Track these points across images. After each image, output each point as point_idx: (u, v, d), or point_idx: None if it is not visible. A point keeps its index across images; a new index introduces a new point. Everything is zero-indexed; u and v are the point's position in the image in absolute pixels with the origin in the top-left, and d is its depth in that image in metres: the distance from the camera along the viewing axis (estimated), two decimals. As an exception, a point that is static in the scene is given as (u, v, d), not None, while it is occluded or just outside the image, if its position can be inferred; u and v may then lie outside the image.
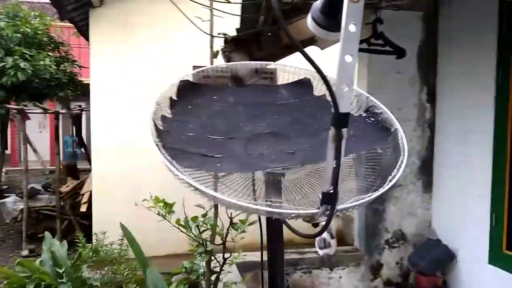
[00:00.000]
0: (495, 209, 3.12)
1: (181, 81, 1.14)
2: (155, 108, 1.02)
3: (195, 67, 5.06)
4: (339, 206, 0.80)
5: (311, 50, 4.02)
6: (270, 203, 0.88)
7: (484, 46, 3.26)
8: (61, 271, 3.19)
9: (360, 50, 3.57)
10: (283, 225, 1.04)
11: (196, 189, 0.81)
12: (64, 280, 3.07)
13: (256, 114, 1.14)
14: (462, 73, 3.54)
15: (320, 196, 0.75)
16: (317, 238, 3.73)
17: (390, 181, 0.88)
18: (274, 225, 1.06)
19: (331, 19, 0.70)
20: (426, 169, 3.86)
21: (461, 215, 3.50)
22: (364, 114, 1.13)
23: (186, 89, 1.14)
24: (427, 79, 3.83)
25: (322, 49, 4.08)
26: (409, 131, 3.82)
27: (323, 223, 0.78)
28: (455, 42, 3.63)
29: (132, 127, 5.32)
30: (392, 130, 1.04)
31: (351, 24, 0.67)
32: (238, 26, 3.41)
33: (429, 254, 3.63)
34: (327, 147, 0.74)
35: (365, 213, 3.79)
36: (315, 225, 0.79)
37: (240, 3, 3.14)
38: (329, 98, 1.22)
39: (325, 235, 3.66)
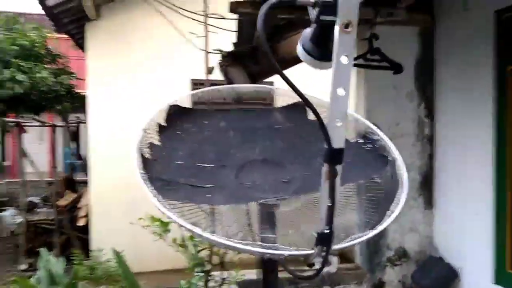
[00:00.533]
0: (498, 227, 3.05)
1: (170, 106, 1.10)
2: (142, 135, 0.98)
3: (193, 81, 5.03)
4: (335, 247, 0.75)
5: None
6: (260, 242, 0.83)
7: (481, 60, 3.23)
8: (55, 290, 3.12)
9: (357, 65, 3.54)
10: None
11: (182, 226, 0.76)
12: (57, 300, 2.99)
13: (248, 140, 1.09)
14: (460, 87, 3.51)
15: (315, 235, 0.69)
16: (316, 255, 3.66)
17: (389, 216, 0.82)
18: (268, 263, 1.01)
19: (322, 48, 0.66)
20: (427, 185, 3.80)
21: (463, 232, 3.44)
22: (361, 140, 1.09)
23: (175, 114, 1.09)
24: (425, 94, 3.79)
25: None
26: (408, 146, 3.77)
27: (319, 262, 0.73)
28: (452, 56, 3.60)
29: (128, 140, 5.26)
30: (390, 159, 0.99)
31: (343, 55, 0.63)
32: (234, 41, 3.39)
33: (431, 272, 3.55)
34: (321, 184, 0.69)
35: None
36: (311, 265, 0.74)
37: (236, 19, 3.12)
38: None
39: (324, 252, 3.58)
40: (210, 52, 2.81)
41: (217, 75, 3.12)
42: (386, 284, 3.72)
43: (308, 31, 0.75)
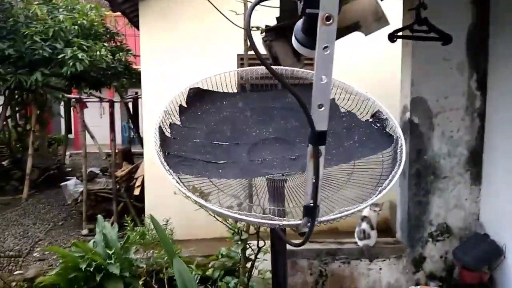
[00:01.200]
0: (547, 205, 2.93)
1: (190, 88, 1.19)
2: (162, 116, 1.09)
3: (239, 55, 5.12)
4: (322, 218, 0.82)
5: (355, 35, 3.97)
6: (258, 213, 0.92)
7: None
8: (111, 252, 3.44)
9: (403, 37, 3.45)
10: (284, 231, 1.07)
11: (188, 197, 0.87)
12: (112, 261, 3.30)
13: (263, 119, 1.17)
14: (517, 58, 3.32)
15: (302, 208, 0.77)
16: (356, 229, 3.71)
17: (380, 192, 0.88)
18: (274, 231, 1.10)
19: (312, 38, 0.72)
20: (475, 160, 3.68)
21: (510, 209, 3.33)
22: (371, 120, 1.13)
23: (196, 96, 1.19)
24: (477, 65, 3.62)
25: (366, 35, 3.98)
26: (457, 120, 3.66)
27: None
28: (509, 25, 3.39)
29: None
30: (394, 137, 1.03)
31: (324, 46, 0.69)
32: (275, 16, 3.40)
33: (475, 248, 3.49)
34: (307, 163, 0.76)
35: (407, 204, 3.70)
36: (301, 234, 0.82)
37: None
38: (336, 102, 1.22)
39: (364, 226, 3.62)
40: (248, 29, 2.86)
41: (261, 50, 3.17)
42: (427, 259, 3.71)
43: (300, 23, 0.81)
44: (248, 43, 2.80)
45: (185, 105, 1.16)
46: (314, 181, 0.75)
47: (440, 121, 3.64)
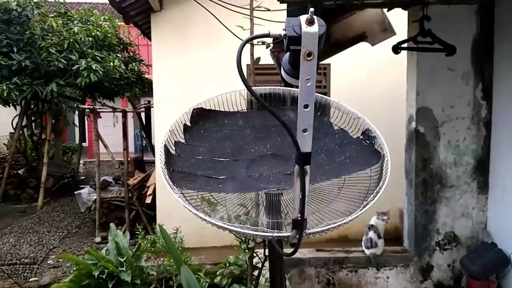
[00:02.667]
0: (552, 215, 2.95)
1: (194, 109, 1.28)
2: (167, 135, 1.17)
3: (248, 66, 5.19)
4: (309, 231, 0.89)
5: (361, 46, 4.03)
6: (252, 226, 0.99)
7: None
8: (122, 260, 3.53)
9: (407, 49, 3.51)
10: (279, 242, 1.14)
11: (189, 209, 0.95)
12: (124, 269, 3.39)
13: (262, 136, 1.25)
14: (521, 68, 3.35)
15: (291, 222, 0.85)
16: (363, 238, 3.75)
17: (364, 207, 0.94)
18: (269, 242, 1.17)
19: (297, 70, 0.80)
20: (481, 169, 3.71)
21: (518, 219, 3.34)
22: (361, 137, 1.20)
23: (199, 115, 1.27)
24: (483, 75, 3.66)
25: (372, 45, 4.05)
26: (463, 130, 3.69)
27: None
28: (513, 34, 3.43)
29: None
30: (381, 154, 1.10)
31: (306, 78, 0.77)
32: (283, 28, 3.49)
33: (482, 257, 3.50)
34: (294, 181, 0.84)
35: (414, 213, 3.73)
36: (292, 245, 0.89)
37: (281, 10, 3.22)
38: (330, 120, 1.30)
39: (371, 235, 3.67)
40: (254, 44, 2.96)
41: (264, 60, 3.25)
42: (435, 268, 3.73)
43: (287, 56, 0.89)
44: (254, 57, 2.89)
45: (189, 124, 1.24)
46: (301, 197, 0.82)
47: (446, 130, 3.68)
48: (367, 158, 1.12)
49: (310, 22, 0.74)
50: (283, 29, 0.80)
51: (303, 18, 0.76)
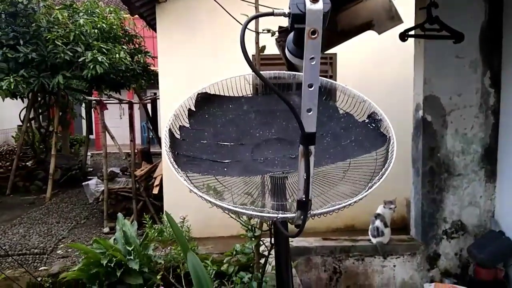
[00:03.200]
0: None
1: (198, 93, 1.28)
2: (172, 119, 1.17)
3: (253, 56, 5.18)
4: (314, 211, 0.89)
5: (368, 34, 4.00)
6: (257, 207, 0.99)
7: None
8: (130, 248, 3.56)
9: (414, 36, 3.48)
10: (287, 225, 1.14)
11: (191, 191, 0.95)
12: (132, 257, 3.43)
13: (266, 121, 1.24)
14: (530, 55, 3.31)
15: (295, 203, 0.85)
16: (370, 227, 3.75)
17: (369, 188, 0.94)
18: (275, 224, 1.17)
19: (301, 49, 0.79)
20: (489, 158, 3.68)
21: (526, 207, 3.32)
22: (367, 120, 1.19)
23: (204, 100, 1.27)
24: (491, 63, 3.62)
25: (379, 33, 4.01)
26: (471, 118, 3.66)
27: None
28: (522, 21, 3.38)
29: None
30: (387, 137, 1.09)
31: (310, 57, 0.76)
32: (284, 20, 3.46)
33: (490, 246, 3.49)
34: (298, 161, 0.83)
35: (421, 202, 3.72)
36: (297, 226, 0.89)
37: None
38: (336, 104, 1.29)
39: (378, 223, 3.66)
40: (259, 32, 2.94)
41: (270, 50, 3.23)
42: (442, 256, 3.72)
43: (291, 35, 0.88)
44: (259, 45, 2.88)
45: (194, 109, 1.24)
46: (305, 177, 0.82)
47: (454, 118, 3.65)
48: (373, 141, 1.12)
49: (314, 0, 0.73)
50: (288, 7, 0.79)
51: (307, -6, 0.75)
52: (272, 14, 0.82)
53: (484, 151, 3.68)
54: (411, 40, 3.59)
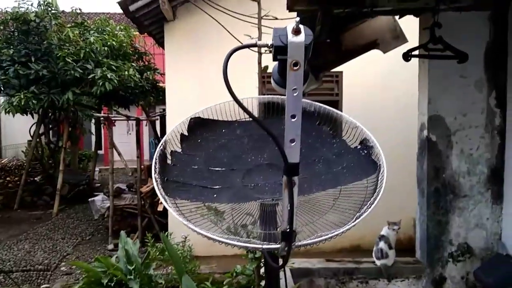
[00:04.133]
0: None
1: (191, 118, 1.28)
2: (163, 144, 1.18)
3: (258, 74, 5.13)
4: (299, 243, 0.88)
5: (374, 53, 4.00)
6: (239, 237, 0.98)
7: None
8: (131, 268, 3.54)
9: (419, 56, 3.47)
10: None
11: (180, 220, 0.95)
12: (133, 277, 3.40)
13: (259, 146, 1.24)
14: (536, 75, 3.28)
15: (279, 233, 0.83)
16: (374, 249, 3.69)
17: (357, 218, 0.93)
18: (264, 253, 1.15)
19: (286, 79, 0.79)
20: (495, 179, 3.62)
21: (534, 230, 3.25)
22: (359, 146, 1.18)
23: (197, 124, 1.27)
24: (496, 82, 3.59)
25: (384, 52, 4.02)
26: (476, 138, 3.62)
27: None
28: (528, 42, 3.36)
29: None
30: (378, 164, 1.08)
31: (293, 88, 0.76)
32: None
33: (497, 270, 3.40)
34: (282, 192, 0.82)
35: (426, 224, 3.66)
36: (283, 256, 0.88)
37: (289, 18, 3.22)
38: (328, 129, 1.28)
39: (382, 245, 3.61)
40: (262, 53, 2.97)
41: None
42: (448, 280, 3.64)
43: (276, 65, 0.88)
44: (262, 66, 2.90)
45: (186, 134, 1.24)
46: (289, 208, 0.81)
47: (459, 139, 3.61)
48: (364, 168, 1.11)
49: (296, 32, 0.74)
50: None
51: (290, 27, 0.75)
52: (255, 45, 0.83)
53: (490, 172, 3.62)
54: (417, 59, 3.59)
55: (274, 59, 0.81)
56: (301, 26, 0.74)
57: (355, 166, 1.13)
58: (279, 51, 0.76)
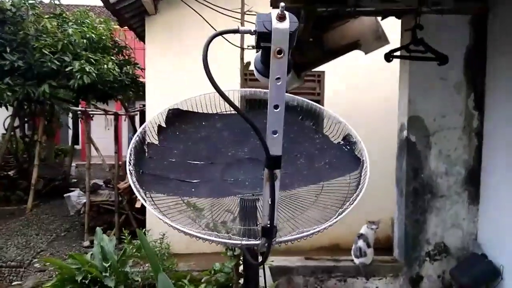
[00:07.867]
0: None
1: (170, 109, 1.24)
2: (139, 136, 1.13)
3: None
4: (279, 239, 0.85)
5: (356, 53, 4.01)
6: (220, 233, 0.95)
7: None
8: (107, 265, 3.46)
9: (400, 57, 3.49)
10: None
11: (155, 214, 0.90)
12: (108, 274, 3.33)
13: (240, 140, 1.20)
14: (514, 78, 3.34)
15: (259, 229, 0.80)
16: (353, 247, 3.70)
17: (339, 215, 0.90)
18: (247, 250, 1.12)
19: (268, 68, 0.76)
20: (472, 180, 3.68)
21: (509, 230, 3.30)
22: (342, 142, 1.16)
23: (175, 116, 1.23)
24: (475, 85, 3.64)
25: (366, 53, 4.03)
26: (455, 139, 3.67)
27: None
28: (507, 46, 3.41)
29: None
30: (361, 160, 1.06)
31: (276, 77, 0.72)
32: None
33: (472, 269, 3.46)
34: (263, 186, 0.79)
35: (404, 223, 3.69)
36: (262, 253, 0.84)
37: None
38: (311, 124, 1.26)
39: (360, 244, 3.62)
40: (245, 48, 2.93)
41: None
42: (425, 278, 3.68)
43: (259, 54, 0.85)
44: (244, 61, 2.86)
45: (164, 125, 1.20)
46: (270, 203, 0.78)
47: (437, 140, 3.65)
48: (347, 164, 1.08)
49: (281, 18, 0.70)
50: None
51: (274, 13, 0.72)
52: (237, 31, 0.79)
53: (468, 173, 3.67)
54: (398, 60, 3.61)
55: (257, 47, 0.78)
56: (286, 13, 0.71)
57: (338, 161, 1.11)
58: (263, 37, 0.73)
